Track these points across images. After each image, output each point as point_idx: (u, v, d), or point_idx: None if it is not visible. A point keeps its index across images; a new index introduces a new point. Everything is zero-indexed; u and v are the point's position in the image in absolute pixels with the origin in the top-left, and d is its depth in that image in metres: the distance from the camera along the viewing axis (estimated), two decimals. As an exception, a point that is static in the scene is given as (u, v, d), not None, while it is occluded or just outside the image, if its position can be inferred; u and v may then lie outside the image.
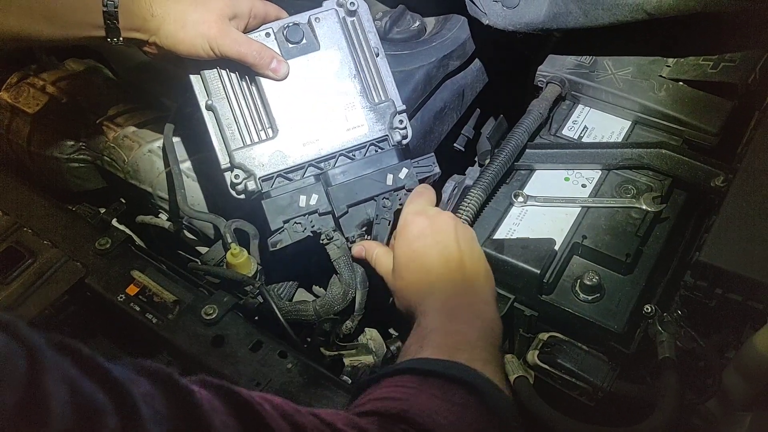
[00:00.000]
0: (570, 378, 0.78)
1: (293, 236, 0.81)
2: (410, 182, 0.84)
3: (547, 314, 0.83)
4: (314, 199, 0.82)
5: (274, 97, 0.84)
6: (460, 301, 0.70)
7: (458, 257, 0.74)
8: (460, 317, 0.68)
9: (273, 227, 0.81)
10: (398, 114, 0.86)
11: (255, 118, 0.84)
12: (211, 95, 0.83)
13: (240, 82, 0.84)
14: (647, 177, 0.90)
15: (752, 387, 0.75)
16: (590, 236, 0.84)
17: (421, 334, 0.67)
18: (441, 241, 0.74)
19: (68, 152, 1.11)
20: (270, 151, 0.83)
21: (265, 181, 0.82)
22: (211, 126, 0.84)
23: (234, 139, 0.83)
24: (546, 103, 0.97)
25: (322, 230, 0.82)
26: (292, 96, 0.84)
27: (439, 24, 1.05)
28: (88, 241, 0.94)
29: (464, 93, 1.07)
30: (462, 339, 0.65)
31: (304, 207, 0.81)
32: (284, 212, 0.81)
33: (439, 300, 0.70)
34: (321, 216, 0.82)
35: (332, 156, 0.84)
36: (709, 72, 0.94)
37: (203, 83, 0.84)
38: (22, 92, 1.14)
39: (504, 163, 0.90)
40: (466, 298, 0.71)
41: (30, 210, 0.99)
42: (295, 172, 0.83)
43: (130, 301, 0.87)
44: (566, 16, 0.95)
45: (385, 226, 0.84)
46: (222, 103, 0.83)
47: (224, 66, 0.84)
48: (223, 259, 0.91)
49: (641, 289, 0.81)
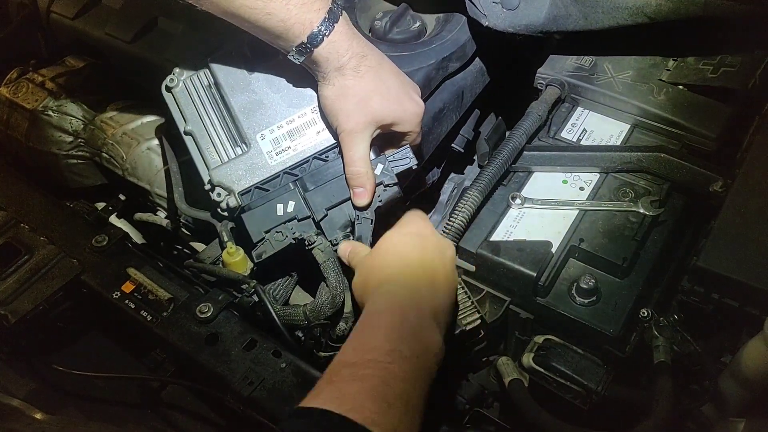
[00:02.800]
0: (564, 381, 0.78)
1: (276, 245, 0.82)
2: (387, 178, 0.83)
3: (542, 317, 0.83)
4: (291, 206, 0.82)
5: (242, 111, 0.85)
6: (412, 308, 0.64)
7: (432, 266, 0.69)
8: (402, 325, 0.61)
9: (254, 239, 0.82)
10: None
11: (228, 136, 0.86)
12: (187, 121, 0.86)
13: (211, 103, 0.87)
14: (645, 181, 0.90)
15: (747, 393, 0.74)
16: (587, 239, 0.83)
17: (340, 360, 0.59)
18: (427, 247, 0.71)
19: (66, 148, 1.11)
20: (245, 166, 0.84)
21: (243, 195, 0.83)
22: (191, 150, 0.86)
23: (212, 159, 0.85)
24: (545, 106, 0.97)
25: (303, 236, 0.82)
26: (259, 107, 0.86)
27: (439, 25, 1.05)
28: (85, 237, 0.94)
29: (463, 94, 1.06)
30: (374, 373, 0.56)
31: (282, 215, 0.82)
32: (264, 223, 0.82)
33: (393, 293, 0.65)
34: (300, 222, 0.82)
35: (305, 161, 0.85)
36: (709, 76, 0.94)
37: (179, 109, 0.86)
38: (21, 88, 1.14)
39: (501, 165, 0.90)
40: (419, 308, 0.64)
41: (27, 206, 0.99)
42: (271, 182, 0.84)
43: (125, 299, 0.87)
44: (566, 18, 0.94)
45: (368, 226, 0.83)
46: (198, 126, 0.86)
47: (194, 90, 0.86)
48: (219, 258, 0.91)
49: (638, 293, 0.80)
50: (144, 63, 1.08)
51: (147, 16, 1.11)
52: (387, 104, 0.81)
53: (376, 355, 0.57)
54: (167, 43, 1.07)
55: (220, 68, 0.87)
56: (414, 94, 0.85)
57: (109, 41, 1.13)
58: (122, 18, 1.13)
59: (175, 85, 0.87)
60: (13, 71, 1.18)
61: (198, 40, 1.00)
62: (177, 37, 1.07)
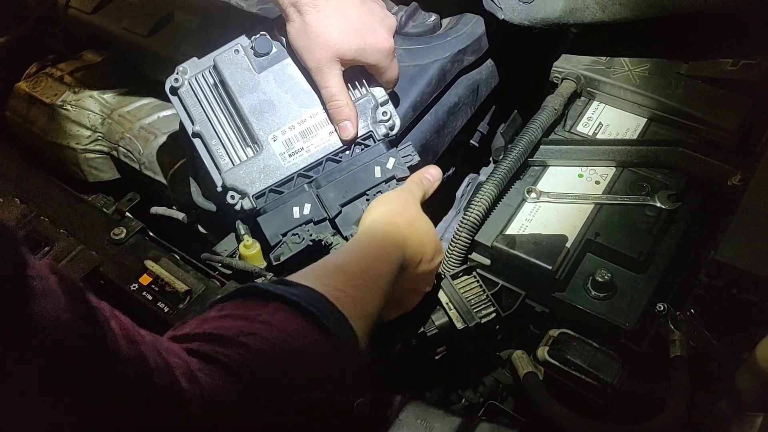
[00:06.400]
0: (579, 375, 0.78)
1: (293, 248, 0.81)
2: (399, 171, 0.83)
3: (558, 311, 0.83)
4: (307, 208, 0.82)
5: (253, 112, 0.84)
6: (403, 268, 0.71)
7: (421, 249, 0.74)
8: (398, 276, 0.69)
9: (272, 243, 0.81)
10: (381, 106, 0.85)
11: (239, 137, 0.84)
12: (195, 122, 0.84)
13: (218, 103, 0.85)
14: (662, 175, 0.89)
15: (765, 388, 0.74)
16: (603, 233, 0.83)
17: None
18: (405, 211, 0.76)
19: (84, 143, 1.12)
20: (258, 168, 0.83)
21: (258, 198, 0.83)
22: (201, 152, 0.84)
23: (223, 161, 0.83)
24: (561, 99, 0.96)
25: (320, 237, 0.82)
26: (270, 107, 0.84)
27: (455, 19, 1.05)
28: (104, 230, 0.95)
29: (479, 89, 1.06)
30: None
31: (298, 218, 0.82)
32: (280, 226, 0.82)
33: (405, 248, 0.72)
34: (317, 224, 0.82)
35: (318, 162, 0.84)
36: (728, 69, 0.93)
37: (185, 110, 0.85)
38: (40, 82, 1.15)
39: (517, 159, 0.89)
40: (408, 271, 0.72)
41: (47, 199, 1.00)
42: (285, 184, 0.83)
43: (142, 291, 0.88)
44: (583, 11, 0.94)
45: None
46: (206, 128, 0.84)
47: (200, 89, 0.85)
48: (235, 251, 0.91)
49: (654, 288, 0.80)
50: (160, 57, 1.09)
51: (163, 10, 1.12)
52: (346, 38, 0.79)
53: (372, 280, 0.65)
54: (183, 37, 1.08)
55: (227, 66, 0.85)
56: (380, 27, 0.82)
57: (125, 36, 1.14)
58: (139, 12, 1.14)
59: (180, 85, 0.85)
60: (32, 66, 1.19)
61: (214, 35, 1.01)
62: (193, 31, 1.08)
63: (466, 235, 0.84)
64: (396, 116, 0.86)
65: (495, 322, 0.82)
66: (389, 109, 0.86)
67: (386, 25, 0.84)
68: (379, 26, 0.82)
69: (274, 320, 0.55)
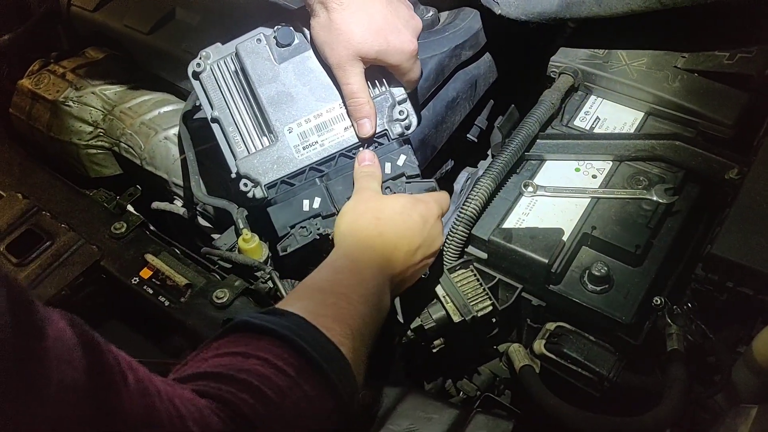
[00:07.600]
0: (576, 368, 0.78)
1: (300, 240, 0.82)
2: (409, 169, 0.83)
3: (554, 304, 0.83)
4: (317, 202, 0.82)
5: (271, 103, 0.84)
6: (386, 270, 0.72)
7: (413, 243, 0.75)
8: (374, 281, 0.69)
9: (280, 233, 0.82)
10: (398, 105, 0.85)
11: (255, 126, 0.85)
12: (214, 107, 0.84)
13: (238, 91, 0.85)
14: (659, 169, 0.89)
15: (761, 381, 0.74)
16: (600, 227, 0.83)
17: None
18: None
19: (86, 139, 1.13)
20: (272, 158, 0.83)
21: (270, 188, 0.83)
22: (218, 137, 0.85)
23: (239, 149, 0.84)
24: (558, 94, 0.96)
25: (327, 232, 0.82)
26: (287, 99, 0.84)
27: (453, 14, 1.05)
28: (104, 225, 0.96)
29: (477, 83, 1.06)
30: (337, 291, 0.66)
31: (308, 211, 0.82)
32: (289, 218, 0.82)
33: (377, 250, 0.73)
34: (325, 219, 0.83)
35: (332, 157, 0.84)
36: (725, 63, 0.93)
37: (206, 95, 0.85)
38: (43, 79, 1.16)
39: (514, 153, 0.90)
40: (391, 273, 0.73)
41: (49, 194, 1.01)
42: (297, 176, 0.84)
43: (143, 284, 0.89)
44: (580, 5, 0.94)
45: None
46: (225, 114, 0.84)
47: (221, 75, 0.85)
48: (235, 245, 0.92)
49: (651, 281, 0.80)
50: (162, 54, 1.10)
51: (165, 7, 1.13)
52: (369, 38, 0.79)
53: (347, 291, 0.65)
54: (185, 34, 1.08)
55: (248, 55, 0.85)
56: (405, 28, 0.82)
57: (127, 33, 1.14)
58: (140, 9, 1.15)
59: (203, 70, 0.85)
60: (35, 63, 1.20)
61: (216, 31, 1.02)
62: (194, 28, 1.09)
63: (463, 228, 0.85)
64: (413, 115, 0.86)
65: (492, 315, 0.83)
66: (407, 107, 0.85)
67: (411, 27, 0.83)
68: (403, 27, 0.82)
69: (267, 355, 0.57)
